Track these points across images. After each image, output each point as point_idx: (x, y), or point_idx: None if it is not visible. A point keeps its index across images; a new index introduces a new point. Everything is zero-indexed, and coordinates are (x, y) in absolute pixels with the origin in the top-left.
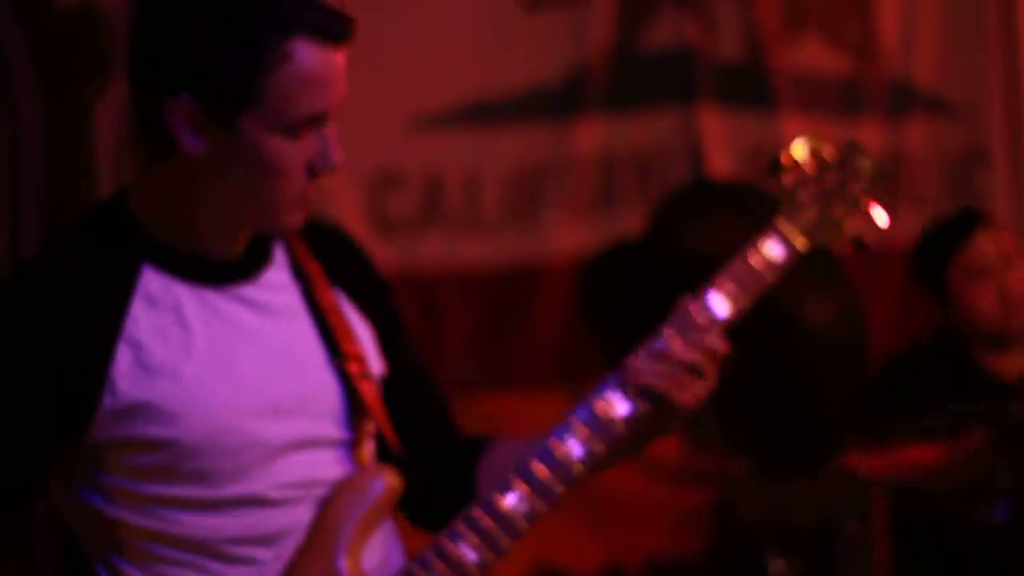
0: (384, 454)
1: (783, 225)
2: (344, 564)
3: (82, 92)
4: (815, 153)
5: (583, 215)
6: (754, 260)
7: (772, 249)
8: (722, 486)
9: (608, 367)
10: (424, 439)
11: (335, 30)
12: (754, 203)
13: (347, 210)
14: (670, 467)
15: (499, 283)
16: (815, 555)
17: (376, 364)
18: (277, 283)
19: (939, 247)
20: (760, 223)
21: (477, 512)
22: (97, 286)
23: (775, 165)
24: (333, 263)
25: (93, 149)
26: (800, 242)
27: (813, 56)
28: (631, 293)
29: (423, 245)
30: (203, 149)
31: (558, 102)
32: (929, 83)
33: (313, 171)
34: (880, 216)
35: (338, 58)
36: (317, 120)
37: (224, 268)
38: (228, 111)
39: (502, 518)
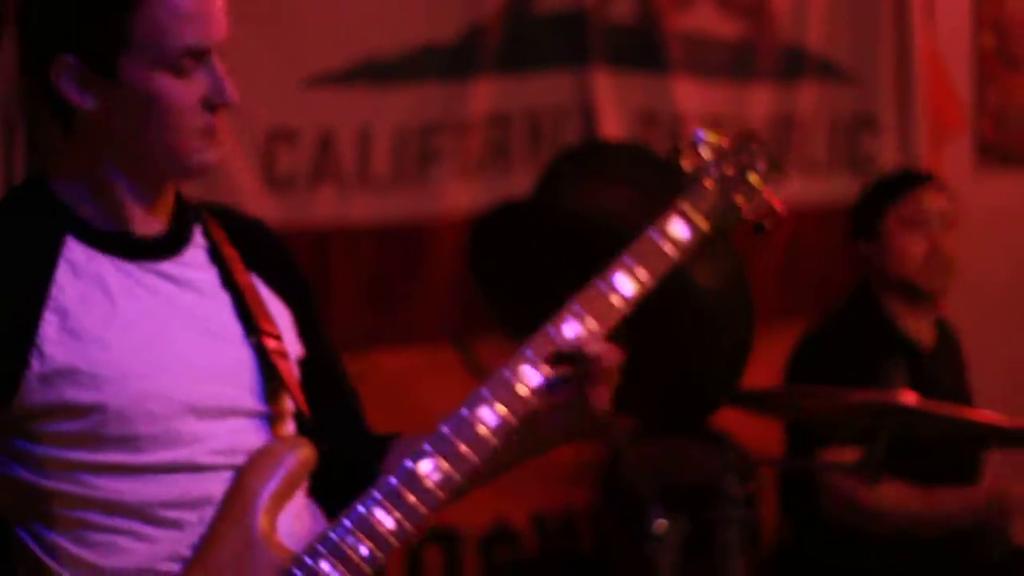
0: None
1: (687, 207)
2: (260, 528)
3: None
4: (714, 141)
5: (475, 174)
6: (660, 239)
7: (677, 229)
8: (608, 444)
9: (498, 325)
10: (333, 429)
11: None
12: (644, 165)
13: (239, 167)
14: None
15: (390, 241)
16: (698, 515)
17: (294, 347)
18: (196, 262)
19: (883, 193)
20: (650, 185)
21: (393, 479)
22: (21, 255)
23: (675, 151)
24: (251, 249)
25: None
26: (704, 224)
27: (706, 20)
28: (518, 251)
29: (314, 202)
30: (95, 105)
31: (452, 61)
32: (820, 48)
33: (210, 105)
34: (777, 203)
35: None
36: (199, 55)
37: (145, 245)
38: (106, 58)
39: (418, 485)
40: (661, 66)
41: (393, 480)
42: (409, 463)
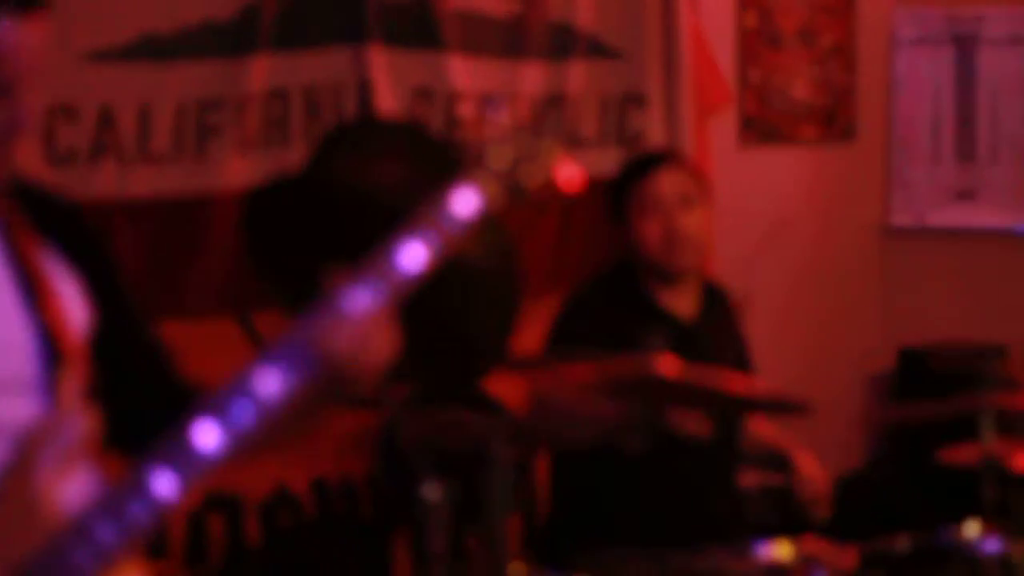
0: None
1: (474, 182)
2: (38, 495)
3: None
4: (501, 120)
5: (254, 150)
6: (446, 213)
7: (464, 204)
8: (385, 411)
9: (273, 297)
10: (138, 382)
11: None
12: (417, 141)
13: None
14: None
15: (170, 215)
16: (470, 480)
17: (81, 313)
18: None
19: (623, 178)
20: (422, 161)
21: (172, 445)
22: None
23: (462, 129)
24: (39, 217)
25: None
26: (490, 199)
27: None
28: (290, 224)
29: (96, 177)
30: None
31: (230, 38)
32: (589, 27)
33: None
34: (561, 178)
35: (14, 29)
36: None
37: None
38: None
39: (193, 452)
40: (436, 43)
41: (173, 445)
42: (187, 431)
